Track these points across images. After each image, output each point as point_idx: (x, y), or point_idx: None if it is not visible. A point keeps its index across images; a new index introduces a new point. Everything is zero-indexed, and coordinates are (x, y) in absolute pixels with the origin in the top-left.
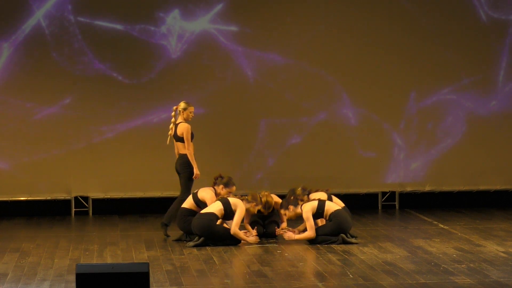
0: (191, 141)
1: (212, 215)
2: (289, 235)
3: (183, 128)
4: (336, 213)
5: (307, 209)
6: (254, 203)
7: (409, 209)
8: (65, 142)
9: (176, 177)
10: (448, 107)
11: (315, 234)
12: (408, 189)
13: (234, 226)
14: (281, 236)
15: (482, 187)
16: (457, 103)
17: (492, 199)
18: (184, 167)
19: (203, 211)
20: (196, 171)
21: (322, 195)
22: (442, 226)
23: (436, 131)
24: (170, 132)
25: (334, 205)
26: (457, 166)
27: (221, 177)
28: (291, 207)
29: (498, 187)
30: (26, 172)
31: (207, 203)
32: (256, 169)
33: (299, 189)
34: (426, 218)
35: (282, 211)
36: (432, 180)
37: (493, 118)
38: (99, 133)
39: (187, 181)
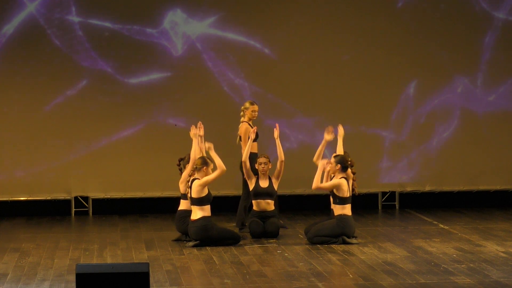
0: (255, 141)
1: (202, 220)
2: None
3: (241, 128)
4: (344, 217)
5: (339, 183)
6: (205, 167)
7: (409, 209)
8: (65, 142)
9: (175, 177)
10: (448, 107)
11: (316, 187)
12: (408, 189)
13: (208, 178)
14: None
15: (482, 187)
16: (457, 103)
17: (492, 199)
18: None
19: (192, 217)
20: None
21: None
22: (442, 226)
23: (436, 131)
24: (239, 132)
25: (349, 210)
26: (457, 166)
27: (181, 159)
28: (339, 167)
29: (498, 187)
30: (26, 172)
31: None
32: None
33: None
34: (426, 218)
35: (330, 160)
36: (432, 180)
37: (493, 118)
38: (99, 134)
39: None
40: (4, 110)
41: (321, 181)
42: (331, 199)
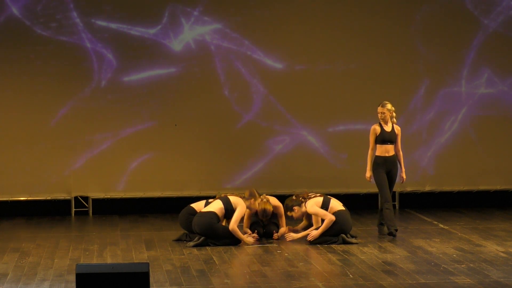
0: (378, 143)
1: (212, 214)
2: (291, 235)
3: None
4: (339, 213)
5: (311, 204)
6: (253, 199)
7: (409, 209)
8: (65, 142)
9: (175, 177)
10: (448, 107)
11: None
12: (408, 189)
13: (233, 222)
14: (282, 238)
15: (482, 187)
16: (457, 103)
17: (492, 199)
18: None
19: (203, 209)
20: (366, 173)
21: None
22: (442, 226)
23: (437, 132)
24: None
25: (338, 204)
26: (457, 166)
27: (252, 195)
28: (296, 208)
29: (498, 187)
30: (26, 172)
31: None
32: (256, 169)
33: (293, 197)
34: (426, 218)
35: (289, 213)
36: (432, 180)
37: (493, 118)
38: (99, 134)
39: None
40: (4, 110)
41: (315, 222)
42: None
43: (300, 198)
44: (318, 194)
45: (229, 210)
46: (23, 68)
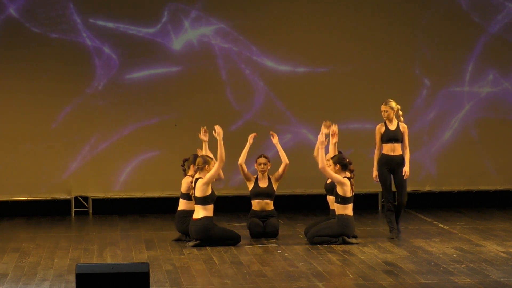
0: (383, 142)
1: (204, 219)
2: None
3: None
4: (345, 217)
5: (346, 184)
6: (207, 165)
7: (409, 209)
8: (65, 142)
9: (175, 177)
10: (449, 108)
11: (322, 167)
12: (408, 189)
13: (215, 170)
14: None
15: (482, 187)
16: (457, 104)
17: (492, 199)
18: None
19: (194, 216)
20: (373, 173)
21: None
22: (442, 226)
23: (437, 132)
24: None
25: (350, 210)
26: (457, 166)
27: (185, 160)
28: (339, 167)
29: (498, 187)
30: (26, 172)
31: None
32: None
33: (349, 161)
34: (426, 218)
35: (330, 161)
36: (432, 180)
37: (494, 118)
38: (99, 133)
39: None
40: (4, 111)
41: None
42: (329, 200)
43: (349, 170)
44: (353, 187)
45: (209, 197)
46: (23, 68)
